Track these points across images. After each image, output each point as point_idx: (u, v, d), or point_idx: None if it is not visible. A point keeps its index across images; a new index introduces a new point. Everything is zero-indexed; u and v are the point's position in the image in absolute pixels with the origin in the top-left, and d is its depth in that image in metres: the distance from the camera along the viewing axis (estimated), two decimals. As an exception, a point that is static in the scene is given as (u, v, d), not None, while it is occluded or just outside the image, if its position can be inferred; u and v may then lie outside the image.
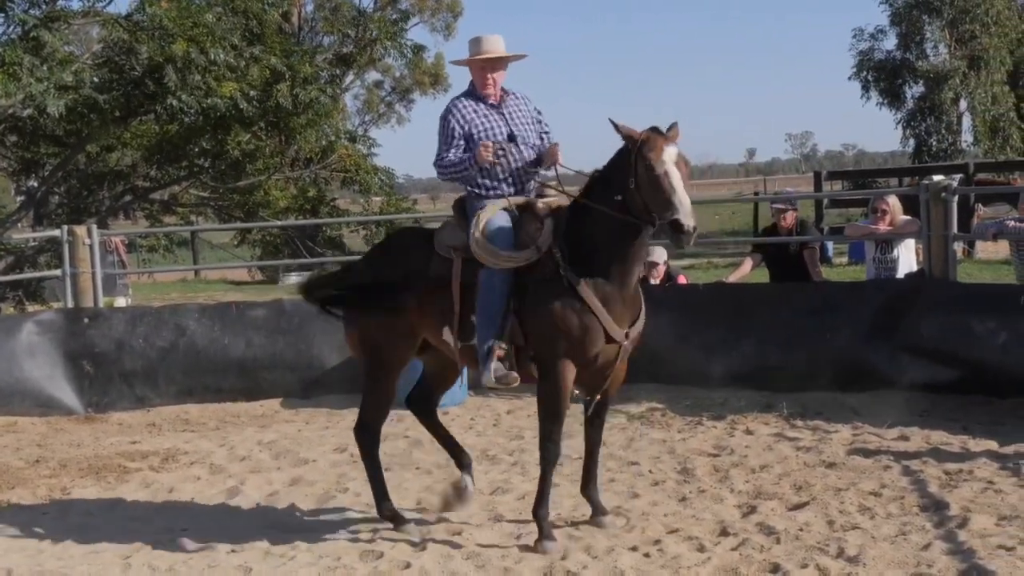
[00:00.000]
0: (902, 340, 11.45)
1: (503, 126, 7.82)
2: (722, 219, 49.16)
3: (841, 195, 32.59)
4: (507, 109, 7.89)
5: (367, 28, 19.88)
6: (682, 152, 7.20)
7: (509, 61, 7.97)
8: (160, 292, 29.39)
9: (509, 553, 7.45)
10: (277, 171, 17.84)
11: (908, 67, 45.92)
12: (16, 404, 12.74)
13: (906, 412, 10.71)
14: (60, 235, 13.95)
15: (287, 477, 9.83)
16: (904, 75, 46.15)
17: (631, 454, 9.95)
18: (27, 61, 12.91)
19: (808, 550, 7.16)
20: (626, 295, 7.45)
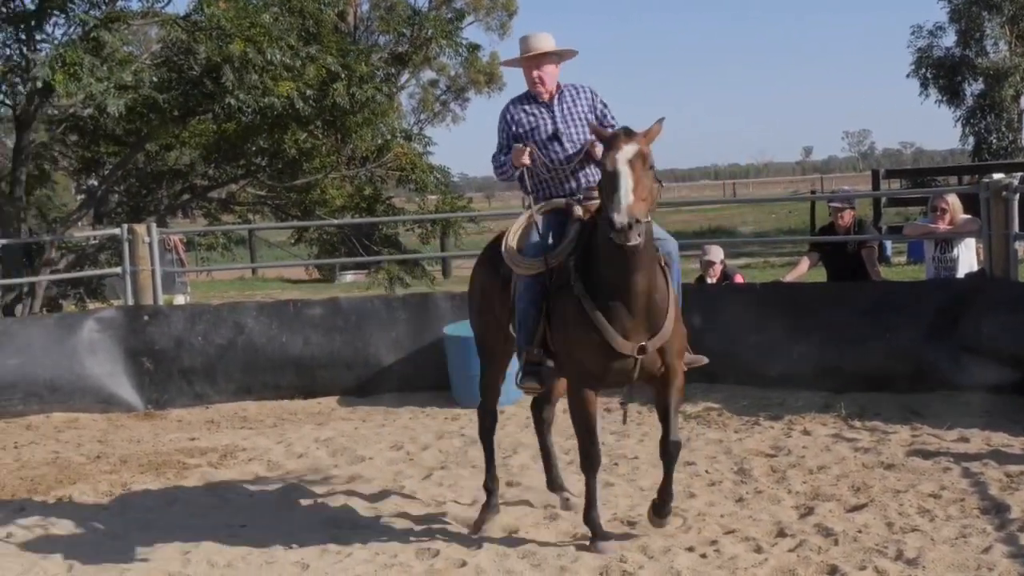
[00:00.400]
0: (962, 340, 11.34)
1: (549, 124, 7.77)
2: (778, 218, 48.90)
3: (900, 193, 32.28)
4: (559, 105, 7.84)
5: (422, 27, 19.86)
6: (643, 151, 6.82)
7: (557, 57, 7.88)
8: (218, 290, 29.59)
9: (565, 552, 7.45)
10: (333, 170, 17.86)
11: (967, 64, 45.45)
12: (77, 400, 12.89)
13: (966, 413, 10.61)
14: (120, 233, 14.08)
15: (344, 474, 9.88)
16: (963, 72, 45.68)
17: (688, 454, 9.91)
18: (88, 61, 13.00)
19: (867, 552, 7.12)
20: (635, 306, 7.11)
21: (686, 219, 48.32)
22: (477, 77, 49.60)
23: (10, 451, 11.35)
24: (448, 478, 9.56)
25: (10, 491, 9.74)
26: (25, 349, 12.88)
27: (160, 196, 18.73)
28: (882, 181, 30.53)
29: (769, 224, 46.68)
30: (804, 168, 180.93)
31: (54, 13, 14.72)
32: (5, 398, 12.69)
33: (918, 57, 45.96)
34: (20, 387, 12.76)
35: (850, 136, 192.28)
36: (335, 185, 18.29)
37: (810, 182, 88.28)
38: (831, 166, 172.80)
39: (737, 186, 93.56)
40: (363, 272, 27.73)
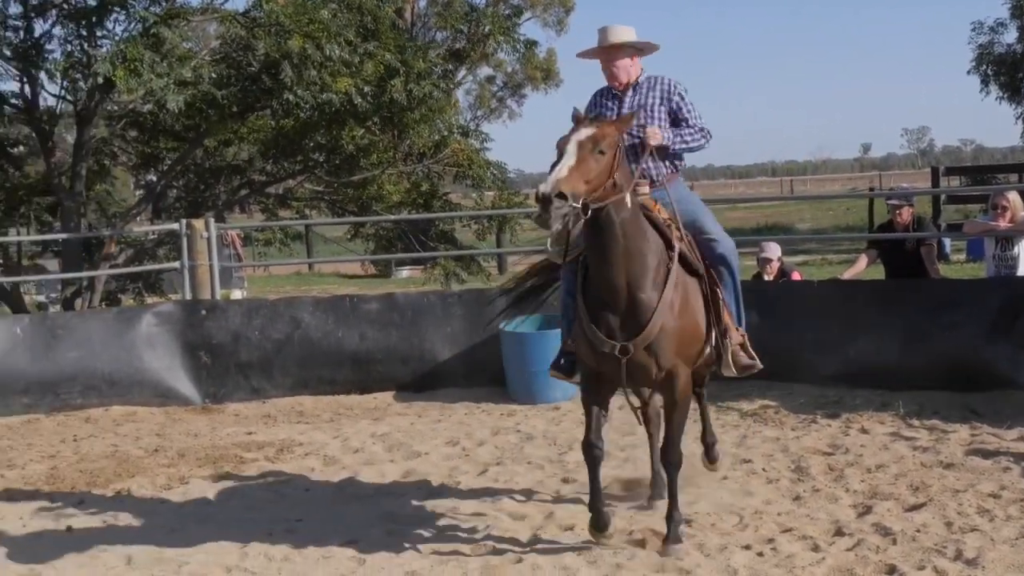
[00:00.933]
0: (1022, 339, 11.24)
1: (614, 116, 7.61)
2: (836, 215, 48.63)
3: (959, 191, 32.07)
4: (632, 98, 7.79)
5: (480, 23, 19.85)
6: (598, 135, 6.54)
7: (632, 50, 7.80)
8: (274, 285, 29.78)
9: (621, 549, 7.43)
10: (390, 165, 17.89)
11: (1030, 61, 44.99)
12: (136, 394, 13.00)
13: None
14: (179, 228, 14.19)
15: (400, 470, 9.90)
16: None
17: (744, 452, 9.88)
18: (148, 57, 13.06)
19: (925, 552, 7.06)
20: (616, 304, 6.96)
21: (743, 216, 48.18)
22: (534, 73, 49.67)
23: (69, 444, 11.45)
24: (504, 474, 9.56)
25: (69, 484, 9.83)
26: (84, 343, 13.01)
27: (218, 191, 18.83)
28: (942, 178, 30.31)
29: (827, 221, 46.43)
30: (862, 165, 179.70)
31: (115, 9, 14.81)
32: (65, 391, 12.82)
33: (979, 53, 45.47)
34: (79, 380, 12.88)
35: (909, 133, 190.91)
36: (392, 181, 18.32)
37: (868, 179, 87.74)
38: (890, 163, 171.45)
39: (794, 183, 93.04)
40: (419, 268, 27.82)
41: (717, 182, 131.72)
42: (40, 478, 10.05)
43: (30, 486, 9.79)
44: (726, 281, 7.51)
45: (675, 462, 7.48)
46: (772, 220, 46.64)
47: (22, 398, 12.71)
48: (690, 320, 7.22)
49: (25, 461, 10.71)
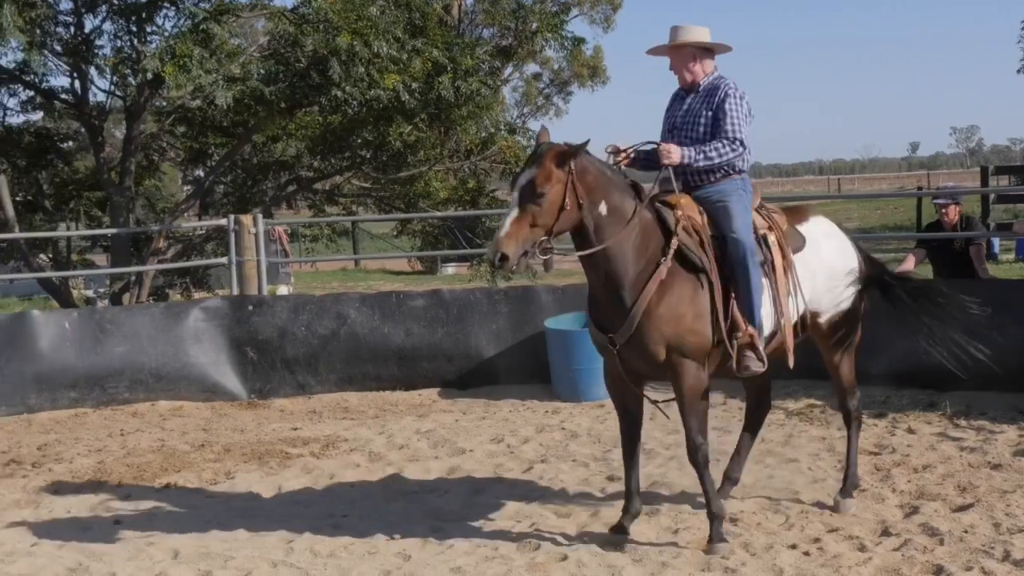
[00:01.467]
0: (1071, 339, 11.15)
1: (674, 116, 7.79)
2: (884, 214, 48.32)
3: (1009, 190, 31.79)
4: (693, 100, 7.77)
5: (527, 21, 19.84)
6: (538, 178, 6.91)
7: (701, 51, 7.78)
8: (321, 281, 29.84)
9: (666, 547, 7.41)
10: (437, 162, 17.90)
11: (1080, 60, 44.69)
12: (182, 389, 13.07)
13: (1075, 413, 10.44)
14: (227, 224, 14.25)
15: (445, 466, 9.91)
16: (1076, 68, 44.91)
17: (789, 451, 9.84)
18: (197, 53, 13.12)
19: (973, 553, 7.01)
20: (602, 296, 7.34)
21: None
22: (581, 71, 49.58)
23: (116, 438, 11.52)
24: (548, 472, 9.55)
25: (116, 478, 9.89)
26: (132, 337, 13.08)
27: (266, 187, 18.90)
28: (991, 177, 30.05)
29: (874, 220, 46.11)
30: (910, 164, 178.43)
31: (164, 5, 14.91)
32: (112, 385, 12.91)
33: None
34: (127, 375, 12.97)
35: (957, 132, 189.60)
36: (439, 178, 18.35)
37: (916, 178, 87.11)
38: (938, 162, 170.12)
39: (842, 182, 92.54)
40: (465, 264, 27.82)
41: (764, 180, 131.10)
42: (87, 472, 10.11)
43: (77, 480, 9.86)
44: (740, 279, 7.43)
45: (697, 460, 7.49)
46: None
47: (70, 392, 12.80)
48: (679, 315, 7.27)
49: (72, 455, 10.79)
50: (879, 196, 48.49)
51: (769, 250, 7.64)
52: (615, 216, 7.18)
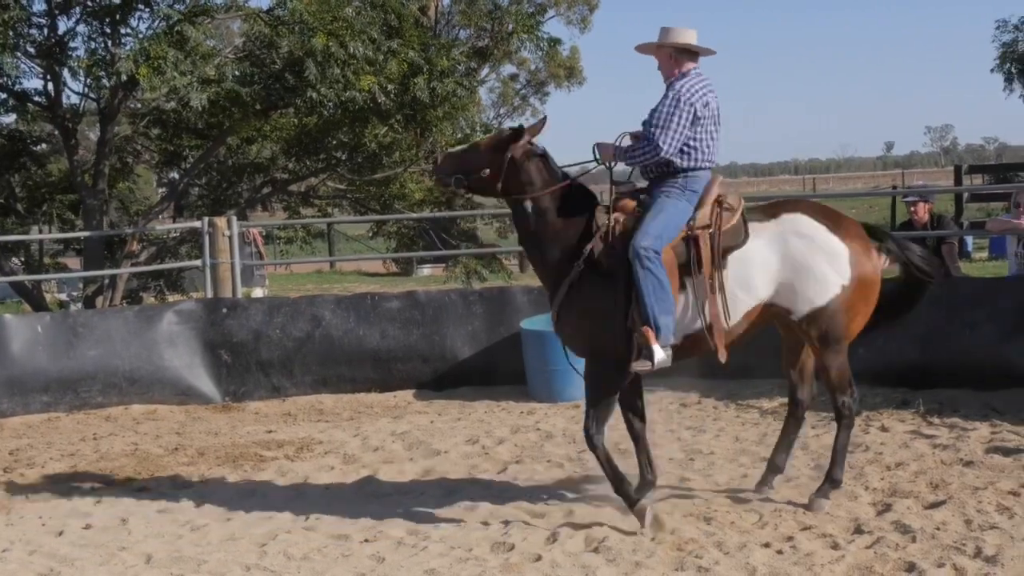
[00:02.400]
0: (1044, 337, 11.22)
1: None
2: (859, 213, 48.46)
3: (981, 189, 31.98)
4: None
5: (503, 21, 19.86)
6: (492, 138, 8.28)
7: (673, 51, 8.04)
8: (296, 283, 29.80)
9: (640, 546, 7.41)
10: (413, 164, 17.90)
11: (1054, 59, 44.76)
12: (156, 392, 13.03)
13: (1047, 410, 10.49)
14: (201, 226, 14.22)
15: (419, 468, 9.89)
16: (1049, 67, 44.99)
17: (764, 450, 9.83)
18: (171, 55, 13.08)
19: (945, 549, 7.03)
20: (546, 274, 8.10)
21: (766, 215, 48.01)
22: (557, 71, 49.50)
23: (89, 442, 11.48)
24: (523, 472, 9.55)
25: (89, 482, 9.85)
26: (105, 341, 13.03)
27: (240, 189, 18.86)
28: (965, 176, 30.18)
29: (850, 220, 46.22)
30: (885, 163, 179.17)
31: (138, 7, 14.86)
32: (85, 389, 12.86)
33: (1003, 52, 45.26)
34: (100, 378, 12.92)
35: (932, 131, 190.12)
36: (414, 179, 18.34)
37: (891, 177, 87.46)
38: (913, 161, 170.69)
39: (817, 181, 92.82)
40: (440, 266, 27.84)
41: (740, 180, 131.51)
42: (60, 476, 10.08)
43: (50, 484, 9.82)
44: (636, 279, 7.56)
45: (591, 446, 7.98)
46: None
47: (42, 396, 12.74)
48: (578, 316, 7.91)
49: (45, 459, 10.75)
50: (854, 195, 48.63)
51: (698, 249, 7.76)
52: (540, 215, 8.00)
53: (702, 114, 7.87)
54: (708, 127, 7.95)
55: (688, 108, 7.82)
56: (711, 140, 7.99)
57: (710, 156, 8.01)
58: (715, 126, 8.02)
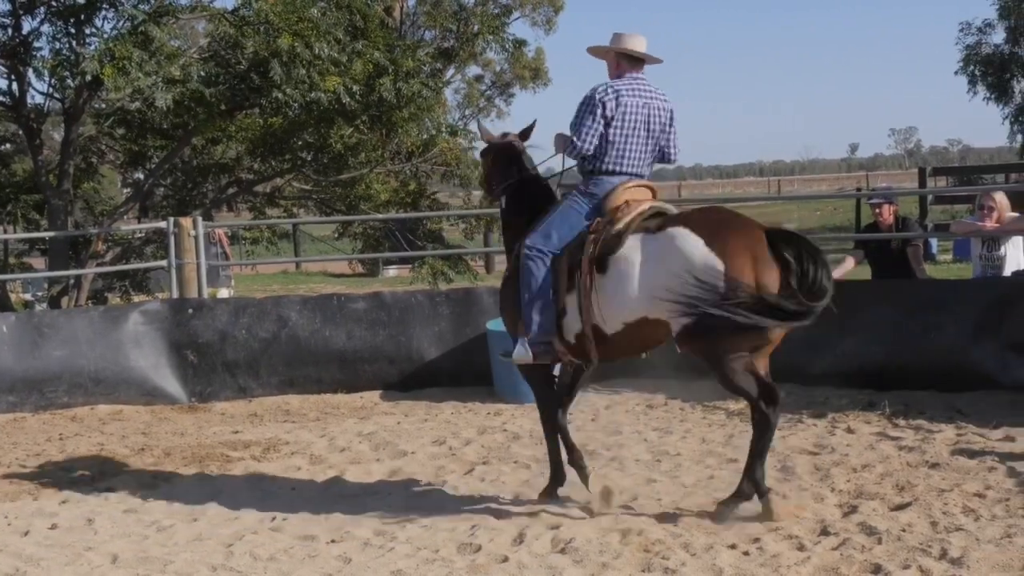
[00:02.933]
0: (1008, 339, 11.29)
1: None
2: (823, 215, 48.72)
3: (945, 191, 32.11)
4: None
5: (469, 22, 19.87)
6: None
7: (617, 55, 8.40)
8: (262, 284, 29.75)
9: (607, 548, 7.43)
10: (379, 164, 17.89)
11: (1017, 61, 45.10)
12: (122, 392, 12.99)
13: (1012, 412, 10.51)
14: (166, 227, 14.18)
15: (386, 469, 9.89)
16: (1012, 70, 45.32)
17: (730, 451, 9.88)
18: (136, 55, 13.07)
19: (910, 551, 7.06)
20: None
21: (731, 216, 48.15)
22: (522, 72, 49.59)
23: (55, 443, 11.43)
24: (490, 473, 9.56)
25: (55, 482, 9.81)
26: (70, 341, 12.99)
27: (206, 190, 18.82)
28: (929, 179, 30.34)
29: (814, 221, 46.42)
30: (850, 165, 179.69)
31: (103, 7, 14.82)
32: (50, 390, 12.81)
33: (966, 54, 45.62)
34: (65, 379, 12.87)
35: (896, 133, 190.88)
36: (380, 180, 18.35)
37: (856, 179, 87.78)
38: (877, 163, 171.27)
39: (782, 183, 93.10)
40: (407, 267, 27.84)
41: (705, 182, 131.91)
42: (25, 477, 10.03)
43: (15, 485, 9.78)
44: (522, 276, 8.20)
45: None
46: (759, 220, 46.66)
47: (7, 396, 12.69)
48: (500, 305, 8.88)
49: (11, 460, 10.70)
50: (818, 197, 48.88)
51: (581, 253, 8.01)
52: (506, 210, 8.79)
53: (613, 115, 8.08)
54: (625, 132, 8.14)
55: (596, 107, 8.08)
56: (626, 145, 8.17)
57: (624, 162, 8.20)
58: (639, 132, 8.19)
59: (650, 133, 8.21)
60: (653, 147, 8.30)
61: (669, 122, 8.33)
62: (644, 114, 8.16)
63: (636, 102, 8.13)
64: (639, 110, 8.14)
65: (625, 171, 8.19)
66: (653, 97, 8.23)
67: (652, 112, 8.19)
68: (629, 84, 8.19)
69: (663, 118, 8.27)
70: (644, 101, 8.17)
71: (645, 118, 8.16)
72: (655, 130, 8.23)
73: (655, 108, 8.21)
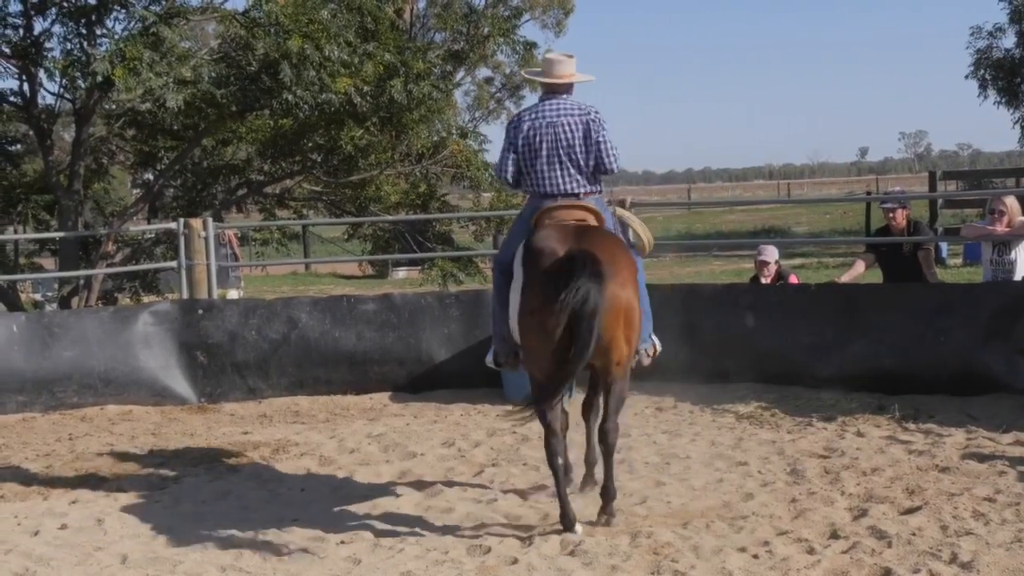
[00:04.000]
0: (1018, 343, 11.26)
1: None
2: (832, 219, 48.64)
3: (956, 195, 32.09)
4: None
5: (479, 25, 19.85)
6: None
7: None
8: (271, 285, 29.76)
9: (616, 550, 7.43)
10: (389, 166, 17.89)
11: (1028, 65, 44.94)
12: (132, 393, 13.00)
13: (1022, 416, 10.50)
14: (176, 227, 14.20)
15: (396, 470, 9.90)
16: (1023, 74, 45.17)
17: (739, 454, 9.88)
18: (147, 56, 13.08)
19: (920, 555, 7.06)
20: None
21: (740, 219, 48.27)
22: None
23: (65, 443, 11.45)
24: (499, 475, 9.56)
25: (64, 482, 9.83)
26: (80, 341, 13.00)
27: (216, 191, 18.83)
28: (939, 183, 30.29)
29: (823, 225, 46.43)
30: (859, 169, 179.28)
31: (114, 8, 14.82)
32: (60, 390, 12.82)
33: (977, 58, 45.44)
34: (75, 379, 12.89)
35: (906, 137, 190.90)
36: (390, 182, 18.35)
37: (865, 183, 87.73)
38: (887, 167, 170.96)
39: (791, 186, 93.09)
40: (416, 268, 27.82)
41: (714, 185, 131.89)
42: (35, 477, 10.05)
43: (25, 485, 9.79)
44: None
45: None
46: (769, 223, 46.68)
47: (17, 396, 12.71)
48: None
49: (20, 459, 10.72)
50: (828, 201, 48.82)
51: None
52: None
53: (518, 142, 8.47)
54: (532, 156, 8.42)
55: (506, 137, 8.56)
56: (537, 168, 8.42)
57: (544, 183, 8.42)
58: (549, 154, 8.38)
59: (563, 152, 8.37)
60: (578, 163, 8.38)
61: (586, 135, 8.38)
62: (550, 135, 8.36)
63: (539, 124, 8.40)
64: (543, 132, 8.38)
65: (548, 192, 8.39)
66: (560, 115, 8.40)
67: (559, 132, 8.36)
68: (536, 109, 8.52)
69: (574, 134, 8.37)
70: (548, 122, 8.39)
71: (552, 139, 8.35)
72: (569, 147, 8.36)
73: (562, 127, 8.36)
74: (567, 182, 8.37)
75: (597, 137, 8.37)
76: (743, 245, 32.30)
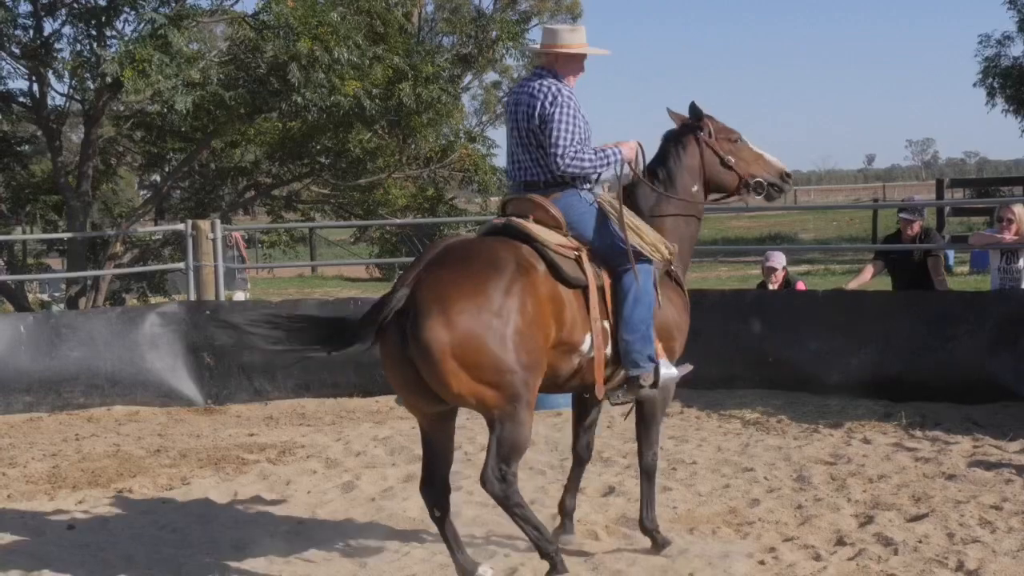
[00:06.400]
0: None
1: None
2: (839, 226, 48.54)
3: (967, 203, 32.08)
4: None
5: (488, 29, 19.86)
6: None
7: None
8: (278, 287, 29.78)
9: (622, 555, 7.43)
10: (397, 170, 17.92)
11: (1036, 74, 44.87)
12: (138, 394, 13.02)
13: (1029, 425, 10.53)
14: (184, 229, 14.22)
15: (402, 473, 9.89)
16: (1032, 82, 45.12)
17: (746, 460, 9.87)
18: (156, 58, 13.11)
19: (927, 562, 7.06)
20: None
21: (747, 225, 48.16)
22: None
23: (71, 443, 11.46)
24: (505, 479, 9.54)
25: (71, 483, 9.83)
26: (88, 342, 13.03)
27: (224, 193, 18.87)
28: (946, 190, 30.27)
29: (830, 231, 46.32)
30: (867, 176, 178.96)
31: (124, 10, 14.85)
32: (67, 390, 12.85)
33: (985, 66, 45.36)
34: (82, 380, 12.91)
35: (913, 144, 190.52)
36: (398, 185, 18.37)
37: (872, 190, 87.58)
38: (894, 174, 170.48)
39: (798, 193, 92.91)
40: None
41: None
42: (42, 477, 10.06)
43: (31, 485, 9.81)
44: None
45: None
46: (776, 230, 46.55)
47: (24, 396, 12.73)
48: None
49: (27, 460, 10.73)
50: (835, 208, 48.76)
51: None
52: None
53: (509, 125, 7.40)
54: (507, 139, 7.46)
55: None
56: (523, 153, 7.31)
57: (512, 170, 7.45)
58: (513, 137, 7.38)
59: (522, 136, 7.27)
60: (538, 149, 7.24)
61: (531, 118, 7.21)
62: (513, 115, 7.34)
63: (511, 103, 7.43)
64: (512, 112, 7.37)
65: (514, 180, 7.45)
66: (523, 93, 7.33)
67: (519, 112, 7.29)
68: (518, 87, 7.57)
69: (526, 115, 7.24)
70: (515, 99, 7.39)
71: (515, 120, 7.32)
72: (526, 131, 7.23)
73: (521, 106, 7.29)
74: (530, 171, 7.31)
75: (551, 125, 7.11)
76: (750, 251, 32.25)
